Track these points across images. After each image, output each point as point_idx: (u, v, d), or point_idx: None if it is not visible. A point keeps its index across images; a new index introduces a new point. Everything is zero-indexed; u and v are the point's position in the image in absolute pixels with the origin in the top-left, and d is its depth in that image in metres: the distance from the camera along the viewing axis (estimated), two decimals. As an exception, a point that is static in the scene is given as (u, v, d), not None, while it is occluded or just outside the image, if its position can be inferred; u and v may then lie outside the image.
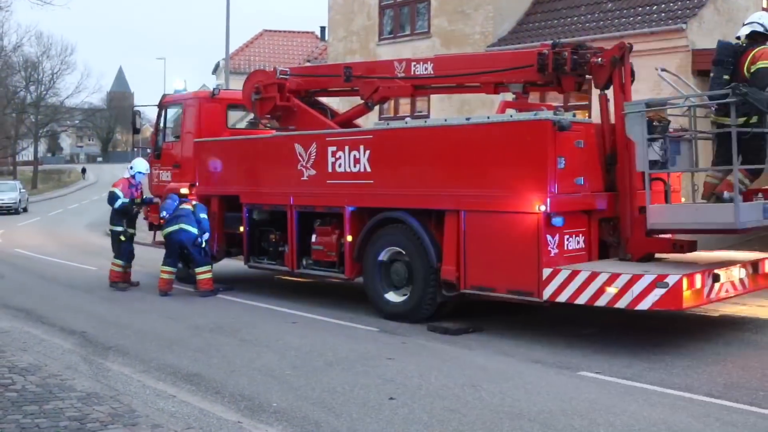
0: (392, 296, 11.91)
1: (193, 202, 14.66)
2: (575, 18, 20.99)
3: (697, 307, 10.15)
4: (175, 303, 13.80)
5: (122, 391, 7.98)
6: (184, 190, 14.98)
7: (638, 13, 19.39)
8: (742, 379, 8.50)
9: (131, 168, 16.04)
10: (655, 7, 19.22)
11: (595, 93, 11.21)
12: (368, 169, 11.99)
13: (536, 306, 10.53)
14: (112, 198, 15.55)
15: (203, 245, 14.53)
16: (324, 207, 12.91)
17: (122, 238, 15.57)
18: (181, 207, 14.56)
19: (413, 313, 11.51)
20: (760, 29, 10.08)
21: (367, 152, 12.00)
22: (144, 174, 16.17)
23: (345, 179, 12.32)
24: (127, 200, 15.53)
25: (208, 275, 14.62)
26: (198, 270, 14.62)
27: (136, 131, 19.36)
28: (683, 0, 18.88)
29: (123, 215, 15.60)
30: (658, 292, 9.01)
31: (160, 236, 15.70)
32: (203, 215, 14.56)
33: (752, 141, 9.64)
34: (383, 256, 11.97)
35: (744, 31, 10.16)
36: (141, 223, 16.95)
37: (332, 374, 8.79)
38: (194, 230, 14.38)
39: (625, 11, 19.89)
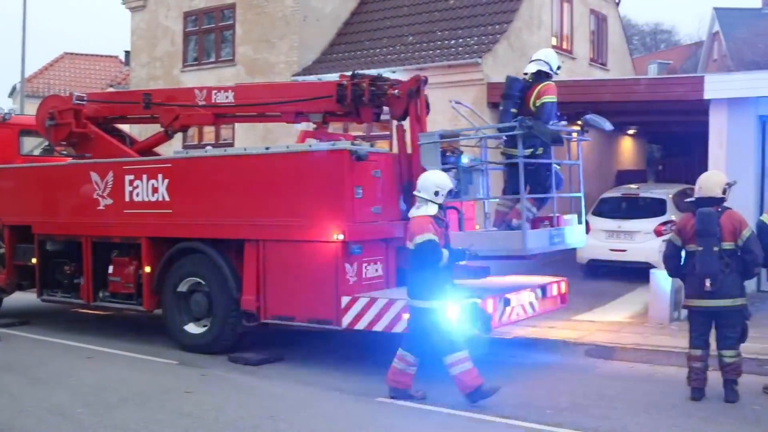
0: (192, 328, 11.66)
1: None
2: (378, 50, 21.45)
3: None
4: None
5: None
6: None
7: (437, 47, 20.04)
8: (532, 398, 8.87)
9: None
10: (453, 41, 19.94)
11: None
12: (167, 199, 11.75)
13: (337, 334, 10.60)
14: None
15: None
16: (121, 237, 12.53)
17: None
18: None
19: (214, 344, 11.33)
20: (545, 68, 10.61)
21: (166, 181, 11.76)
22: None
23: (143, 209, 12.02)
24: None
25: None
26: None
27: None
28: (479, 36, 19.71)
29: None
30: (452, 317, 9.24)
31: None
32: None
33: (538, 171, 10.13)
34: (182, 287, 11.71)
35: (531, 69, 10.64)
36: None
37: (126, 410, 8.53)
38: None
39: (425, 44, 20.50)
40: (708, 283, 8.57)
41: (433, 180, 8.81)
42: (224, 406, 8.63)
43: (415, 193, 8.85)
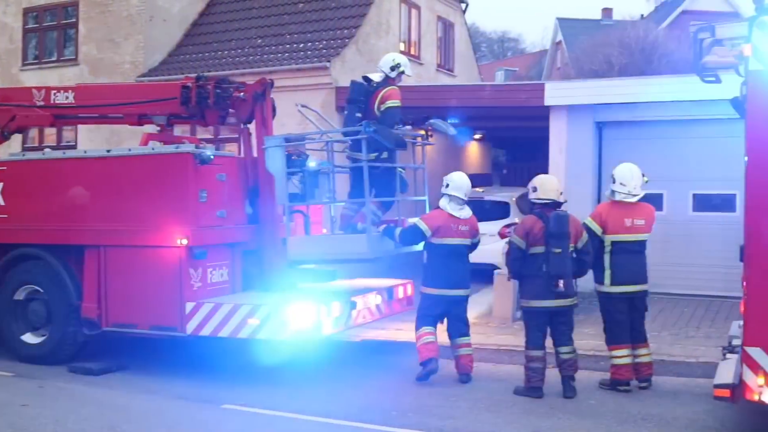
0: (29, 338, 11.16)
1: None
2: (226, 52, 21.26)
3: (338, 333, 10.52)
4: None
5: None
6: None
7: (287, 50, 20.03)
8: (378, 400, 8.96)
9: None
10: (302, 45, 19.98)
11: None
12: (2, 203, 11.28)
13: (182, 340, 10.41)
14: None
15: None
16: (-49, 244, 11.91)
17: None
18: None
19: (53, 354, 10.90)
20: (391, 73, 10.63)
21: (0, 185, 11.29)
22: None
23: (-25, 214, 11.47)
24: None
25: None
26: None
27: None
28: (328, 40, 19.81)
29: None
30: (299, 321, 9.27)
31: None
32: None
33: (383, 175, 10.22)
34: (19, 295, 11.21)
35: (375, 77, 10.65)
36: None
37: (-46, 428, 8.14)
38: None
39: (274, 47, 20.47)
40: (561, 283, 8.88)
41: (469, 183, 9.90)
42: (63, 419, 8.34)
43: (460, 195, 9.70)
